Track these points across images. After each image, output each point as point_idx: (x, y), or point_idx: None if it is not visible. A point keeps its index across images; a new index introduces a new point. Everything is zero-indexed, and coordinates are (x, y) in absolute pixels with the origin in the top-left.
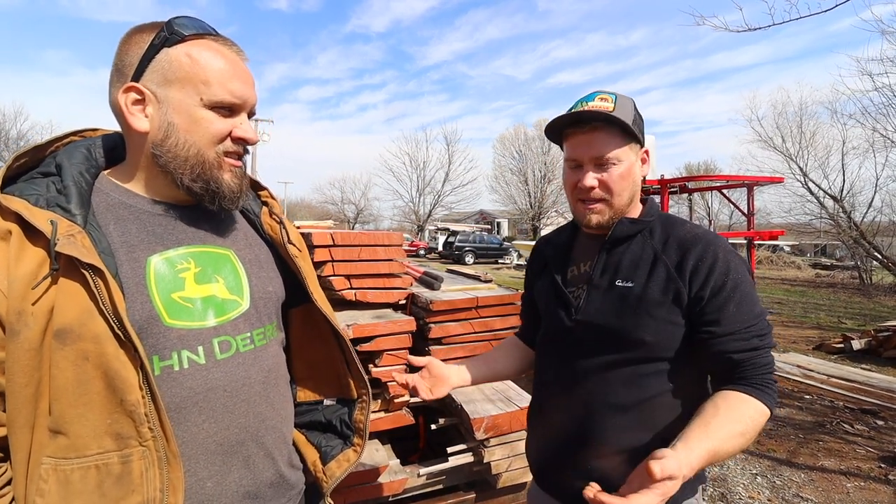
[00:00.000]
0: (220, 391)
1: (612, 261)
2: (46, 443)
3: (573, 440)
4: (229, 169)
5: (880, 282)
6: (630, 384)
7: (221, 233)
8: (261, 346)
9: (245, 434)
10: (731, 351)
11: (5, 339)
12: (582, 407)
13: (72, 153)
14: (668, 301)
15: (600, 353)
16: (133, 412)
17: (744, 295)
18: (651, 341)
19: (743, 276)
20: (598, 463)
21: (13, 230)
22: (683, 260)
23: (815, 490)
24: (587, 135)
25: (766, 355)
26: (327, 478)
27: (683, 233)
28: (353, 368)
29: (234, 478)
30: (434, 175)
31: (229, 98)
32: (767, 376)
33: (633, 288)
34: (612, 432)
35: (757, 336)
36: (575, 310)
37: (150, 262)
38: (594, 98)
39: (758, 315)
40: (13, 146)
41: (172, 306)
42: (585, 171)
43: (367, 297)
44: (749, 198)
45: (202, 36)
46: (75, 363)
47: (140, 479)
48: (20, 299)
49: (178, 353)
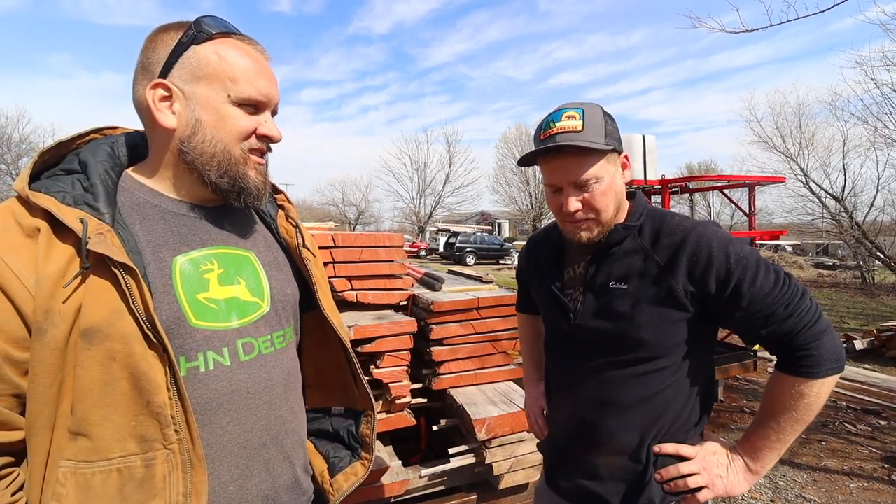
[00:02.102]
0: (243, 393)
1: (606, 263)
2: (65, 445)
3: (579, 440)
4: (254, 166)
5: (883, 281)
6: (632, 383)
7: (242, 234)
8: (281, 349)
9: (266, 436)
10: (764, 329)
11: (31, 339)
12: (585, 407)
13: (95, 151)
14: (662, 299)
15: (601, 355)
16: (160, 414)
17: (751, 271)
18: (649, 340)
19: (742, 251)
20: (604, 461)
21: (42, 227)
22: (675, 256)
23: (817, 491)
24: (562, 160)
25: (798, 321)
26: (334, 490)
27: (671, 228)
28: (360, 383)
29: (255, 482)
30: (435, 176)
31: (256, 95)
32: (808, 339)
33: (627, 289)
34: (617, 431)
35: (784, 303)
36: (573, 314)
37: (175, 263)
38: (561, 117)
39: (778, 282)
40: (15, 149)
41: (198, 307)
42: (567, 195)
43: (368, 299)
44: (750, 198)
45: (228, 35)
46: (102, 363)
47: (163, 483)
48: (48, 298)
49: (203, 355)
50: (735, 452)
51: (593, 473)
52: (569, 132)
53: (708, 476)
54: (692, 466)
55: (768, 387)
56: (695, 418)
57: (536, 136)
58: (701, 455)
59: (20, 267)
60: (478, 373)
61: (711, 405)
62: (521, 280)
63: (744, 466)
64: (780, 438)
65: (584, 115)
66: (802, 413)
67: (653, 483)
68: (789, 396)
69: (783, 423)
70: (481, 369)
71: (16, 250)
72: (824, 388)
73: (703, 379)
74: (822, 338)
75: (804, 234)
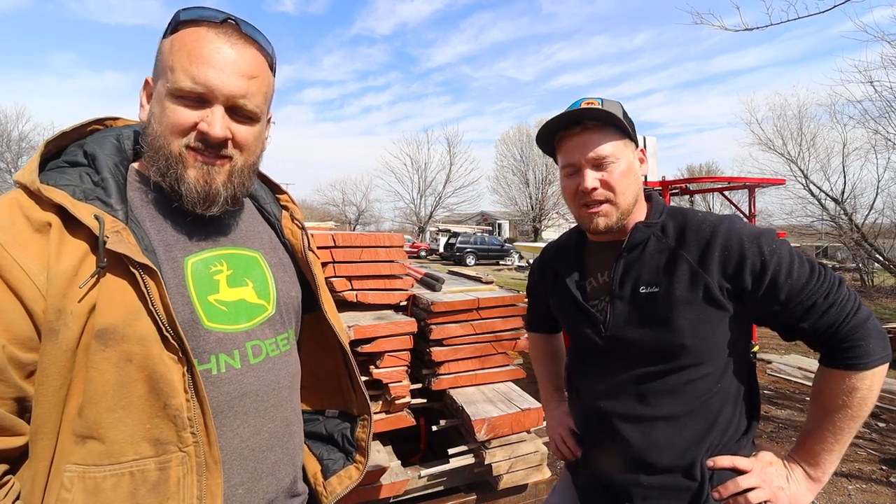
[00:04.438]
0: (253, 396)
1: (631, 267)
2: (71, 449)
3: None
4: (193, 165)
5: (882, 284)
6: (677, 393)
7: (250, 234)
8: (285, 351)
9: (273, 439)
10: (805, 323)
11: (40, 340)
12: (627, 425)
13: (102, 143)
14: (698, 298)
15: (639, 366)
16: (176, 416)
17: (786, 263)
18: (691, 344)
19: (774, 242)
20: (654, 482)
21: (53, 222)
22: (706, 252)
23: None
24: (581, 136)
25: (840, 311)
26: (328, 493)
27: (697, 224)
28: (357, 387)
29: (263, 484)
30: (435, 176)
31: (189, 84)
32: (852, 330)
33: (658, 292)
34: (666, 448)
35: (823, 294)
36: (604, 326)
37: (187, 263)
38: (580, 104)
39: (813, 273)
40: (15, 147)
41: (210, 309)
42: (584, 174)
43: (368, 299)
44: (750, 199)
45: (198, 23)
46: (118, 365)
47: (177, 487)
48: (61, 297)
49: (216, 357)
50: (792, 461)
51: (643, 496)
52: (589, 108)
53: (769, 489)
54: (751, 480)
55: (817, 386)
56: (744, 425)
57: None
58: (758, 467)
59: (30, 263)
60: (477, 373)
61: (759, 410)
62: (535, 296)
63: (804, 475)
64: (838, 440)
65: (604, 103)
66: (857, 409)
67: (711, 501)
68: (841, 393)
69: (839, 423)
70: (481, 370)
71: (24, 245)
72: (876, 380)
73: (747, 382)
74: (866, 326)
75: (804, 236)
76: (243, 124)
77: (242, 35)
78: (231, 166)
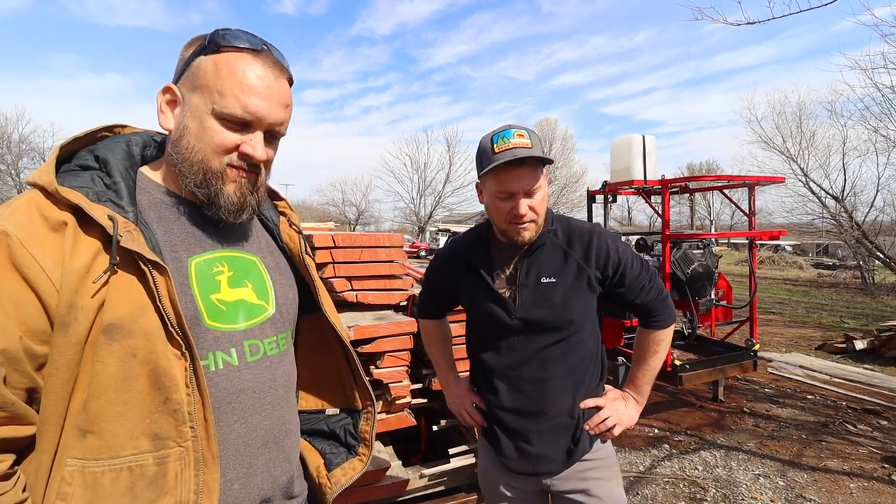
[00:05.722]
0: (249, 393)
1: (534, 263)
2: (73, 443)
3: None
4: (233, 180)
5: (883, 281)
6: (567, 357)
7: (249, 239)
8: (283, 351)
9: (269, 436)
10: (637, 299)
11: (52, 333)
12: (532, 386)
13: (113, 149)
14: (582, 285)
15: (541, 339)
16: (177, 411)
17: (629, 259)
18: (577, 319)
19: (622, 246)
20: (548, 426)
21: (69, 221)
22: (587, 252)
23: (818, 491)
24: (520, 170)
25: (657, 292)
26: (332, 484)
27: (578, 230)
28: (359, 380)
29: (258, 481)
30: (435, 176)
31: (240, 112)
32: (660, 304)
33: (556, 282)
34: (559, 399)
35: (647, 280)
36: (514, 309)
37: (191, 263)
38: (512, 135)
39: (641, 266)
40: (15, 149)
41: (211, 307)
42: (518, 200)
43: (368, 299)
44: (750, 198)
45: (241, 50)
46: (122, 359)
47: (174, 481)
48: (73, 292)
49: (213, 354)
50: (626, 393)
51: (538, 439)
52: (523, 147)
53: (617, 416)
54: (606, 412)
55: (637, 342)
56: (598, 374)
57: (487, 151)
58: (608, 403)
59: (46, 260)
60: None
61: (606, 363)
62: (437, 283)
63: (634, 402)
64: (652, 375)
65: (530, 135)
66: (662, 353)
67: (584, 432)
68: (653, 343)
69: (652, 363)
70: None
71: (42, 243)
72: (669, 334)
73: (599, 343)
74: (667, 302)
75: (804, 234)
76: (271, 145)
77: (278, 64)
78: (259, 179)
